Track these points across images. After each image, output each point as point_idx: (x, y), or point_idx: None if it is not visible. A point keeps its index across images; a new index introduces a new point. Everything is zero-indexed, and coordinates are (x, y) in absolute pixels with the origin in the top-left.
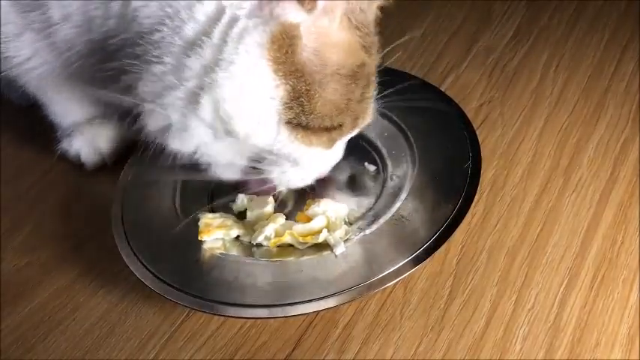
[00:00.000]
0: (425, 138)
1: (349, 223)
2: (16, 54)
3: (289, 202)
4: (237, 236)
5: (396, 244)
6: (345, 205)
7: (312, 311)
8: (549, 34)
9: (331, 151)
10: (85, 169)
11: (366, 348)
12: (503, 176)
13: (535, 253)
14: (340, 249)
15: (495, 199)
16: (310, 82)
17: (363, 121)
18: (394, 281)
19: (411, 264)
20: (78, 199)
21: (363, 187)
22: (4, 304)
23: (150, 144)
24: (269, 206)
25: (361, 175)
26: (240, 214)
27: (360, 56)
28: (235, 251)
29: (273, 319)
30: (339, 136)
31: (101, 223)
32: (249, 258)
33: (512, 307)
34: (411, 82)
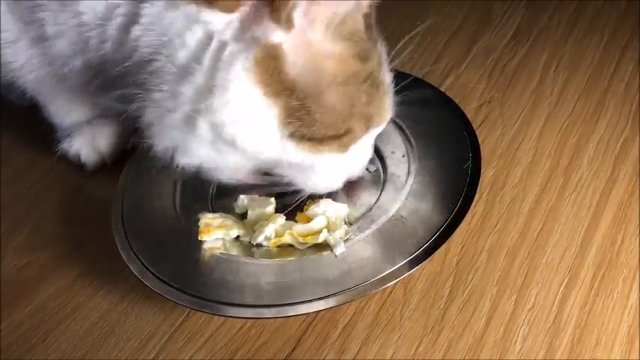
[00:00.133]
0: (425, 138)
1: (349, 223)
2: (13, 59)
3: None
4: (237, 236)
5: (396, 244)
6: (345, 205)
7: (312, 311)
8: (549, 34)
9: (351, 154)
10: (85, 169)
11: (366, 348)
12: (503, 176)
13: (535, 253)
14: (340, 249)
15: (495, 199)
16: (304, 96)
17: (379, 121)
18: (394, 281)
19: (411, 264)
20: (78, 199)
21: (362, 187)
22: (4, 304)
23: (149, 146)
24: (270, 207)
25: (361, 175)
26: (242, 214)
27: (354, 64)
28: (235, 251)
29: (273, 319)
30: (352, 141)
31: (101, 223)
32: (249, 258)
33: (512, 307)
34: (411, 82)
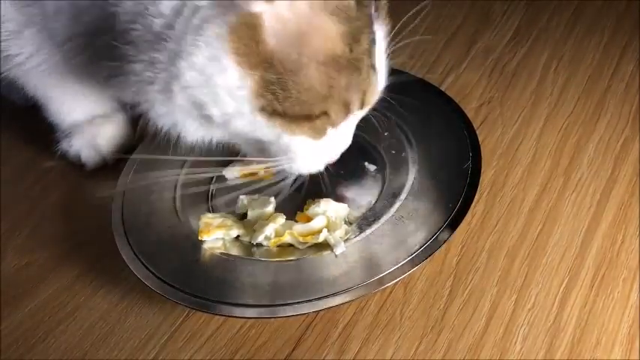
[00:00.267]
0: (425, 138)
1: (349, 223)
2: (18, 52)
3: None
4: (237, 236)
5: (396, 244)
6: (345, 205)
7: (312, 311)
8: (549, 34)
9: (329, 138)
10: (85, 169)
11: (366, 348)
12: (503, 176)
13: (535, 253)
14: (340, 249)
15: (495, 199)
16: (282, 71)
17: (361, 106)
18: (394, 281)
19: (411, 264)
20: (78, 199)
21: (363, 187)
22: (4, 304)
23: (158, 134)
24: (270, 206)
25: (361, 175)
26: (242, 214)
27: (340, 45)
28: (235, 251)
29: (273, 319)
30: (327, 125)
31: (101, 223)
32: (249, 258)
33: (512, 307)
34: (411, 82)
